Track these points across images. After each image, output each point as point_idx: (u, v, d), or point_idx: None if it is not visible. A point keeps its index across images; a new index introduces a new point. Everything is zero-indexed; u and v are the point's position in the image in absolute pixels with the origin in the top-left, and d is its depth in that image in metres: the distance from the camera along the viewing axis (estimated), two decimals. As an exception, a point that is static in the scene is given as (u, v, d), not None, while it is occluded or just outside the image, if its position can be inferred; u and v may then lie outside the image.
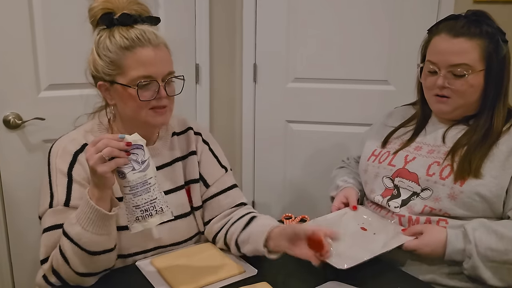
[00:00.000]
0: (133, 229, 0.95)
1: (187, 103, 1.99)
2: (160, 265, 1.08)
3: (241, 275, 1.05)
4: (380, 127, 1.43)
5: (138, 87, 1.03)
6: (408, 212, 1.21)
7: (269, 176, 2.15)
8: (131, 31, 1.03)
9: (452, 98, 1.19)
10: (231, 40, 2.07)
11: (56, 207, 1.04)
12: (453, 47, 1.16)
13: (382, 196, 1.28)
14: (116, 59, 1.04)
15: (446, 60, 1.17)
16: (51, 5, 1.58)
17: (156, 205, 0.95)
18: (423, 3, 1.84)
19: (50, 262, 1.01)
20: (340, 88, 1.99)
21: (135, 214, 0.94)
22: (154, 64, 1.04)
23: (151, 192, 0.95)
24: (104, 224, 0.96)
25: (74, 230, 0.95)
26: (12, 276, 1.68)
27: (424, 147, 1.27)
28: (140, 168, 0.94)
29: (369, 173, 1.34)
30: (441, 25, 1.22)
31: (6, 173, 1.60)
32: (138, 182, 0.93)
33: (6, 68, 1.54)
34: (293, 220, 1.34)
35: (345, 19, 1.92)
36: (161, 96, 1.05)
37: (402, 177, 1.25)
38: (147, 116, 1.06)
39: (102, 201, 0.95)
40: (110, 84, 1.07)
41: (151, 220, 0.95)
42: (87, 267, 0.99)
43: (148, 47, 1.03)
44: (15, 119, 1.57)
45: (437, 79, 1.19)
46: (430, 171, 1.21)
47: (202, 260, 1.11)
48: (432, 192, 1.18)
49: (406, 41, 1.87)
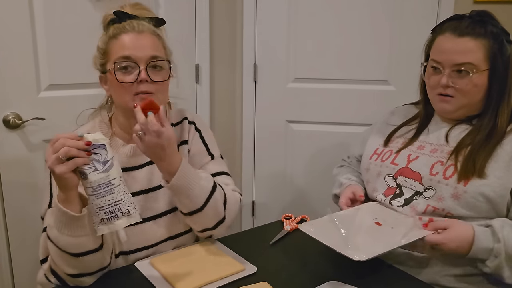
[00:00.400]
0: (99, 231, 0.92)
1: (187, 103, 1.99)
2: (159, 264, 1.08)
3: (241, 273, 1.05)
4: (382, 125, 1.42)
5: (116, 69, 1.05)
6: (411, 211, 1.20)
7: (269, 176, 2.16)
8: (123, 23, 1.09)
9: (455, 97, 1.19)
10: (231, 40, 2.07)
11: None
12: (458, 46, 1.17)
13: (385, 195, 1.27)
14: (105, 48, 1.09)
15: (451, 59, 1.17)
16: (51, 5, 1.59)
17: (121, 206, 0.92)
18: (423, 3, 1.84)
19: (49, 262, 1.02)
20: (340, 88, 1.99)
21: (99, 216, 0.92)
22: (134, 47, 1.06)
23: (115, 193, 0.91)
24: (77, 226, 0.93)
25: (52, 233, 0.95)
26: (12, 276, 1.68)
27: (427, 146, 1.26)
28: (103, 168, 0.91)
29: (371, 172, 1.33)
30: (446, 24, 1.22)
31: (6, 173, 1.60)
32: (101, 183, 0.90)
33: (6, 68, 1.54)
34: (293, 220, 1.34)
35: (345, 19, 1.92)
36: (142, 79, 1.05)
37: (405, 176, 1.25)
38: (130, 101, 1.05)
39: (68, 202, 0.92)
40: (104, 74, 1.11)
41: (117, 222, 0.92)
42: (75, 268, 0.98)
43: (131, 32, 1.07)
44: (15, 119, 1.58)
45: (441, 78, 1.19)
46: (433, 170, 1.20)
47: (201, 259, 1.11)
48: (435, 192, 1.18)
49: (406, 41, 1.87)
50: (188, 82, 1.99)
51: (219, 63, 2.06)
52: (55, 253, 0.96)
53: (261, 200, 2.19)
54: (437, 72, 1.21)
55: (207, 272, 1.04)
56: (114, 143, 1.15)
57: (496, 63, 1.16)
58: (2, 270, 1.65)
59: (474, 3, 1.78)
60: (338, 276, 1.04)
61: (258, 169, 2.17)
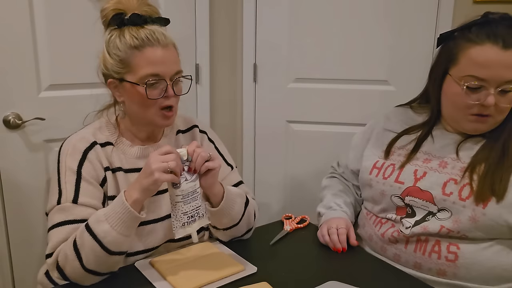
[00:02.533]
0: (178, 234, 1.01)
1: (188, 103, 1.99)
2: (159, 265, 1.08)
3: (241, 273, 1.05)
4: (380, 132, 1.32)
5: (147, 86, 1.05)
6: (421, 230, 1.12)
7: (270, 176, 2.15)
8: (141, 31, 1.06)
9: (493, 116, 1.08)
10: (231, 40, 2.07)
11: (64, 204, 1.05)
12: (506, 60, 1.03)
13: (397, 215, 1.19)
14: (126, 58, 1.07)
15: (499, 75, 1.03)
16: (52, 5, 1.59)
17: (199, 211, 1.03)
18: (423, 3, 1.84)
19: (55, 257, 1.02)
20: (340, 88, 1.99)
21: (182, 220, 1.00)
22: (162, 63, 1.07)
23: (198, 200, 1.02)
24: (132, 226, 0.99)
25: (101, 228, 0.97)
26: (12, 276, 1.68)
27: (434, 160, 1.16)
28: (192, 178, 1.01)
29: (375, 190, 1.24)
30: (479, 34, 1.07)
31: (6, 173, 1.60)
32: (190, 191, 1.01)
33: (6, 68, 1.54)
34: (293, 220, 1.34)
35: (345, 19, 1.92)
36: (168, 95, 1.08)
37: (413, 196, 1.15)
38: (155, 116, 1.10)
39: (138, 204, 0.99)
40: (119, 82, 1.09)
41: (193, 225, 1.02)
42: (99, 266, 1.00)
43: (157, 47, 1.06)
44: (15, 119, 1.58)
45: (485, 97, 1.04)
46: (446, 189, 1.10)
47: (201, 259, 1.11)
48: (451, 214, 1.09)
49: (407, 41, 1.87)
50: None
51: (219, 63, 2.06)
52: (89, 247, 0.97)
53: (261, 200, 2.19)
54: (476, 89, 1.06)
55: (207, 272, 1.04)
56: (121, 144, 1.15)
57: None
58: (2, 269, 1.65)
59: (474, 3, 1.78)
60: (338, 276, 1.04)
61: (258, 169, 2.16)
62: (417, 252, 1.14)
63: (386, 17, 1.88)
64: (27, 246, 1.66)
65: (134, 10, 1.08)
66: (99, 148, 1.11)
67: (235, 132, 2.17)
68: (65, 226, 1.03)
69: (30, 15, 1.55)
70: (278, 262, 1.12)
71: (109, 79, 1.10)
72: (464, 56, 1.08)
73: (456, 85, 1.10)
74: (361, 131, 1.44)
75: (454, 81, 1.10)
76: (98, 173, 1.09)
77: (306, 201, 2.12)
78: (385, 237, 1.21)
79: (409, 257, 1.16)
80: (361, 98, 1.97)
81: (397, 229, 1.18)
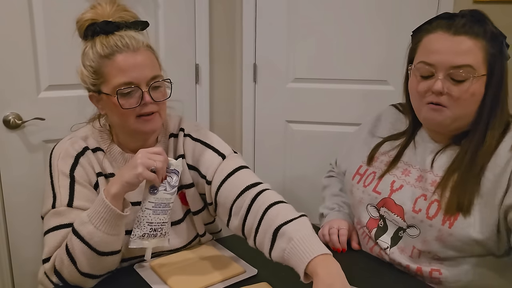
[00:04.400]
0: (133, 244, 0.98)
1: (187, 103, 1.99)
2: (159, 267, 1.08)
3: (241, 275, 1.05)
4: (368, 136, 1.29)
5: (119, 95, 1.01)
6: (399, 252, 1.10)
7: (269, 176, 2.15)
8: (111, 38, 1.02)
9: (449, 108, 1.02)
10: (231, 40, 2.07)
11: (59, 207, 1.04)
12: (455, 46, 1.00)
13: (368, 228, 1.17)
14: (98, 68, 1.03)
15: (447, 60, 1.00)
16: (51, 5, 1.58)
17: (164, 228, 1.00)
18: (423, 2, 1.84)
19: (52, 262, 1.01)
20: (340, 88, 1.99)
21: (143, 230, 0.97)
22: (133, 69, 1.01)
23: (167, 215, 0.99)
24: (116, 224, 0.97)
25: (86, 229, 0.96)
26: (12, 276, 1.68)
27: (413, 172, 1.12)
28: (171, 191, 0.99)
29: (355, 197, 1.22)
30: (434, 23, 1.06)
31: (6, 173, 1.60)
32: (163, 202, 0.98)
33: (6, 68, 1.54)
34: (293, 220, 1.34)
35: (344, 19, 1.92)
36: (146, 103, 1.02)
37: (387, 208, 1.13)
38: (135, 124, 1.05)
39: (117, 199, 0.96)
40: (98, 94, 1.06)
41: (152, 241, 0.99)
42: (93, 268, 0.99)
43: (126, 52, 1.01)
44: (15, 119, 1.57)
45: (433, 84, 1.01)
46: (416, 206, 1.07)
47: (201, 262, 1.11)
48: (419, 232, 1.06)
49: (406, 41, 1.85)
50: (188, 82, 1.99)
51: (219, 63, 2.06)
52: (79, 250, 0.96)
53: (261, 200, 2.19)
54: (427, 77, 1.04)
55: (207, 275, 1.04)
56: (113, 151, 1.13)
57: (495, 68, 1.01)
58: (2, 269, 1.65)
59: (474, 2, 1.78)
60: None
61: (258, 169, 2.16)
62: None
63: (385, 17, 1.88)
64: (27, 246, 1.66)
65: (107, 18, 1.03)
66: (90, 153, 1.09)
67: (235, 132, 2.17)
68: (61, 230, 1.02)
69: (29, 15, 1.55)
70: (278, 262, 1.12)
71: (89, 92, 1.08)
72: (420, 46, 1.08)
73: (413, 75, 1.09)
74: (354, 131, 1.42)
75: (412, 73, 1.09)
76: (90, 178, 1.08)
77: (306, 201, 2.12)
78: (373, 253, 1.19)
79: None
80: (360, 98, 1.97)
81: (379, 250, 1.16)
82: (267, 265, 1.09)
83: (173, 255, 1.14)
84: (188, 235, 1.19)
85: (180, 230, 1.17)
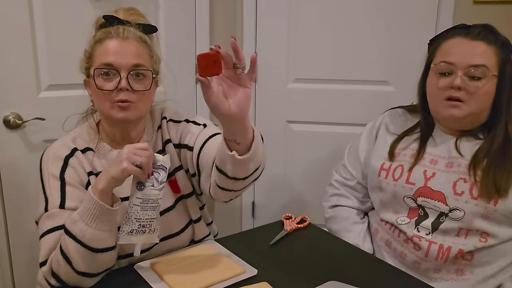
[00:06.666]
0: (122, 240, 0.98)
1: (187, 103, 1.99)
2: (159, 267, 1.08)
3: (241, 275, 1.05)
4: (383, 134, 1.35)
5: (96, 75, 1.05)
6: (442, 236, 1.18)
7: (269, 176, 2.15)
8: (111, 28, 1.08)
9: (465, 102, 1.15)
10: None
11: (51, 210, 1.04)
12: (472, 49, 1.15)
13: (409, 218, 1.23)
14: (91, 52, 1.09)
15: (465, 60, 1.14)
16: (51, 5, 1.59)
17: (152, 224, 1.00)
18: (423, 3, 1.84)
19: (49, 264, 1.01)
20: (340, 89, 1.99)
21: (132, 226, 0.97)
22: (116, 53, 1.05)
23: (155, 211, 0.99)
24: (107, 220, 0.96)
25: (78, 227, 0.96)
26: (12, 276, 1.68)
27: (440, 161, 1.22)
28: (158, 187, 0.98)
29: (386, 192, 1.27)
30: (452, 31, 1.21)
31: (6, 173, 1.60)
32: (151, 198, 0.97)
33: (6, 68, 1.54)
34: (293, 220, 1.34)
35: (345, 19, 1.92)
36: (122, 88, 1.04)
37: (425, 197, 1.20)
38: (109, 110, 1.06)
39: (105, 194, 0.95)
40: (88, 78, 1.11)
41: (141, 237, 0.99)
42: (89, 266, 0.99)
43: (116, 39, 1.06)
44: (15, 119, 1.58)
45: (453, 80, 1.15)
46: (457, 189, 1.16)
47: (201, 262, 1.10)
48: (463, 213, 1.15)
49: (406, 41, 1.87)
50: (188, 82, 1.99)
51: (219, 63, 2.06)
52: (74, 249, 0.96)
53: (261, 201, 2.19)
54: (447, 74, 1.17)
55: (207, 275, 1.04)
56: (101, 149, 1.14)
57: (506, 71, 1.15)
58: (2, 270, 1.65)
59: (474, 3, 1.78)
60: (338, 276, 1.04)
61: (258, 169, 2.16)
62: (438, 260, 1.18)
63: (386, 17, 1.88)
64: (27, 246, 1.66)
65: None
66: (80, 154, 1.11)
67: (235, 132, 2.16)
68: (55, 232, 1.02)
69: (29, 15, 1.56)
70: (278, 262, 1.12)
71: (84, 79, 1.13)
72: (439, 50, 1.21)
73: (433, 74, 1.21)
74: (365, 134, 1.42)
75: (432, 72, 1.22)
76: (81, 178, 1.09)
77: (306, 201, 2.13)
78: (408, 245, 1.23)
79: (429, 265, 1.20)
80: (361, 99, 1.97)
81: (417, 239, 1.20)
82: (267, 265, 1.09)
83: (172, 255, 1.14)
84: (179, 222, 1.20)
85: (171, 217, 1.18)
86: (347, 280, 1.02)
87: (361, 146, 1.41)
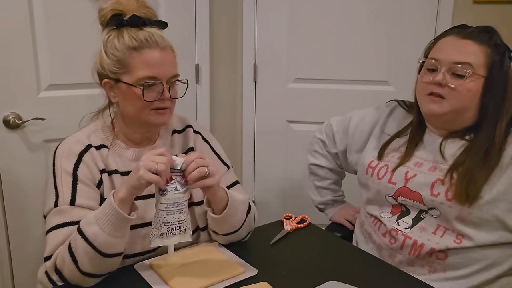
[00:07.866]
0: (154, 243, 0.99)
1: (187, 103, 1.99)
2: (159, 267, 1.07)
3: (241, 275, 1.05)
4: (378, 132, 1.36)
5: (144, 88, 1.05)
6: (420, 232, 1.18)
7: (269, 176, 2.15)
8: (140, 32, 1.07)
9: (447, 99, 1.14)
10: (231, 40, 2.07)
11: (61, 206, 1.04)
12: (459, 47, 1.14)
13: (392, 213, 1.25)
14: (123, 58, 1.06)
15: (449, 57, 1.13)
16: (51, 5, 1.59)
17: (182, 225, 1.00)
18: (423, 3, 1.84)
19: (53, 260, 1.01)
20: (340, 89, 1.99)
21: (161, 230, 0.98)
22: (159, 66, 1.07)
23: (182, 213, 1.00)
24: (121, 227, 0.97)
25: (91, 230, 0.96)
26: (12, 276, 1.68)
27: (425, 164, 1.22)
28: (182, 190, 0.99)
29: (371, 190, 1.30)
30: (450, 30, 1.21)
31: (6, 173, 1.60)
32: (176, 202, 0.98)
33: (6, 68, 1.54)
34: (293, 220, 1.34)
35: (345, 19, 1.92)
36: (164, 98, 1.08)
37: (404, 197, 1.22)
38: (148, 115, 1.09)
39: (125, 203, 0.97)
40: (115, 82, 1.09)
41: (173, 238, 0.99)
42: (95, 268, 0.99)
43: (155, 49, 1.06)
44: (15, 119, 1.58)
45: (435, 75, 1.14)
46: (434, 190, 1.17)
47: (201, 262, 1.10)
48: (439, 213, 1.16)
49: (406, 41, 1.87)
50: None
51: (219, 63, 2.06)
52: (82, 250, 0.96)
53: (261, 200, 2.19)
54: (433, 71, 1.16)
55: (207, 274, 1.04)
56: (116, 147, 1.14)
57: (494, 72, 1.12)
58: (2, 269, 1.65)
59: (474, 3, 1.78)
60: (338, 276, 1.04)
61: (258, 169, 2.16)
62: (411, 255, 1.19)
63: (386, 17, 1.88)
64: (27, 246, 1.66)
65: (132, 12, 1.08)
66: (94, 150, 1.11)
67: (235, 132, 2.17)
68: (63, 229, 1.02)
69: (29, 15, 1.56)
70: (278, 262, 1.12)
71: (104, 79, 1.10)
72: (433, 47, 1.21)
73: (423, 70, 1.21)
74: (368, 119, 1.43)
75: (423, 69, 1.21)
76: (94, 175, 1.09)
77: (306, 201, 2.12)
78: (386, 238, 1.24)
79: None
80: (361, 99, 1.97)
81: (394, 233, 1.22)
82: (267, 265, 1.09)
83: (173, 255, 1.14)
84: None
85: None
86: (347, 280, 1.02)
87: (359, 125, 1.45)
